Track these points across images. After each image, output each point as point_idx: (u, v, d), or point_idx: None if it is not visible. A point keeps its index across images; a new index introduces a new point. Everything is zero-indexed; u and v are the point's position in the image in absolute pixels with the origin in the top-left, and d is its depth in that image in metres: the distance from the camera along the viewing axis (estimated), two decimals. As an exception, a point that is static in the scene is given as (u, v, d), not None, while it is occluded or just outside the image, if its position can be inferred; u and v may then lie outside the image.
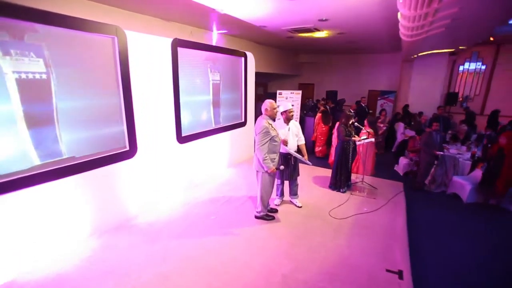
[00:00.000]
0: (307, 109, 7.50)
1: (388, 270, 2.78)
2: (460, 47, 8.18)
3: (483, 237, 3.73)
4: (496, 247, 3.50)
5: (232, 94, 5.73)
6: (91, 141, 3.15)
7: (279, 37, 7.63)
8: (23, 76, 2.50)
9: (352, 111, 5.10)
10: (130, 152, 3.60)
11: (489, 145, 5.09)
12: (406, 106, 8.92)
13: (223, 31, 7.11)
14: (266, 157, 3.28)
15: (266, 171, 3.34)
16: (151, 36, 3.75)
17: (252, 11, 5.02)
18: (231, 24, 6.18)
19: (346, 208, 4.09)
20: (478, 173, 4.98)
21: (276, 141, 3.36)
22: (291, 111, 3.78)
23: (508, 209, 4.53)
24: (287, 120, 3.79)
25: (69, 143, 2.93)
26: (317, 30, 6.42)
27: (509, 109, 8.43)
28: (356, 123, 4.55)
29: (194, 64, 4.59)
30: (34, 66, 2.58)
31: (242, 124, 6.17)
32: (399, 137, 7.58)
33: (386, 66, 10.54)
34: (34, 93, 2.60)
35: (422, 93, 9.38)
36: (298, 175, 4.00)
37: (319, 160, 6.69)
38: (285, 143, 3.60)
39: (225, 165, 5.78)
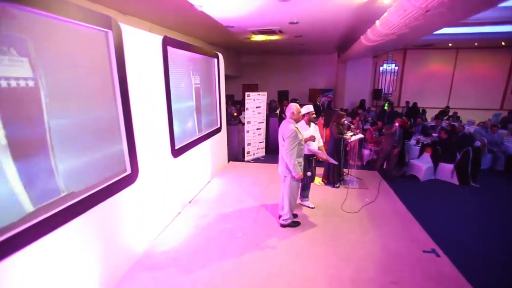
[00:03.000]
0: (271, 110, 7.57)
1: (424, 251, 3.08)
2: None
3: (454, 205, 4.54)
4: (479, 212, 4.30)
5: (209, 98, 5.28)
6: (90, 168, 2.38)
7: (232, 37, 7.43)
8: (3, 84, 1.67)
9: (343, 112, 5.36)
10: (132, 176, 2.88)
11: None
12: (363, 101, 10.09)
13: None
14: (295, 162, 3.15)
15: (293, 177, 3.20)
16: (142, 32, 3.08)
17: (230, 10, 4.72)
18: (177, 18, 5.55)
19: (351, 201, 4.32)
20: (426, 156, 6.05)
21: (302, 145, 3.27)
22: (313, 113, 3.75)
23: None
24: (309, 121, 3.74)
25: (67, 174, 2.13)
26: (281, 32, 6.55)
27: (418, 102, 10.47)
28: (346, 122, 4.84)
29: (179, 66, 4.01)
30: (17, 69, 1.76)
31: (219, 130, 5.76)
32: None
33: (323, 66, 11.65)
34: (19, 109, 1.78)
35: (356, 90, 10.77)
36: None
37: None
38: (313, 139, 3.60)
39: (210, 175, 5.29)
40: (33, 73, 1.84)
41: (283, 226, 3.52)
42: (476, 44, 9.69)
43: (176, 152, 3.83)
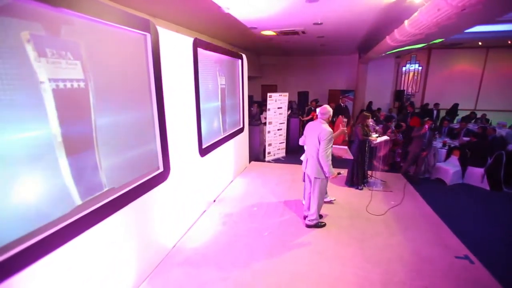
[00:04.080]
0: (293, 111, 7.57)
1: (456, 257, 2.99)
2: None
3: (486, 211, 4.36)
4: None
5: (233, 99, 5.37)
6: (128, 165, 2.50)
7: (255, 38, 7.48)
8: (61, 85, 1.80)
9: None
10: (164, 174, 2.99)
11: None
12: (370, 103, 9.88)
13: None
14: (330, 163, 3.17)
15: (327, 177, 3.21)
16: (176, 34, 3.19)
17: (256, 12, 4.77)
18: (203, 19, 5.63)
19: (376, 203, 4.26)
20: (453, 159, 5.84)
21: (332, 146, 3.28)
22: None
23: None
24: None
25: (109, 170, 2.25)
26: (303, 33, 6.53)
27: (442, 103, 10.09)
28: (371, 123, 4.78)
29: (207, 68, 4.11)
30: (72, 72, 1.88)
31: (241, 130, 5.83)
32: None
33: (344, 67, 11.47)
34: (72, 109, 1.90)
35: (377, 91, 10.53)
36: None
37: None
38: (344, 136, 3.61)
39: (233, 175, 5.37)
40: (83, 75, 1.97)
41: (309, 226, 3.54)
42: (509, 42, 9.20)
43: (203, 151, 3.93)
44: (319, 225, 3.54)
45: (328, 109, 3.33)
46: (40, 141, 1.68)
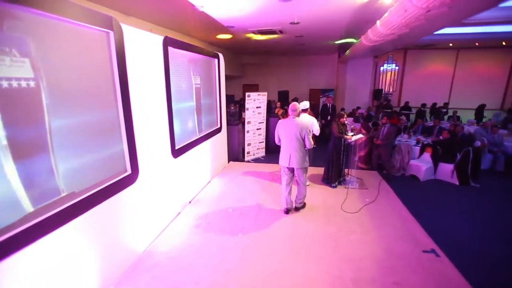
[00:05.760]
0: (271, 110, 7.57)
1: (424, 251, 3.08)
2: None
3: (454, 205, 4.53)
4: (477, 213, 4.29)
5: (209, 98, 5.28)
6: (90, 168, 2.38)
7: (234, 37, 7.42)
8: (5, 84, 1.68)
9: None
10: (132, 176, 2.88)
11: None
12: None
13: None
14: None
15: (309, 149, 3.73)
16: (143, 32, 3.08)
17: (231, 11, 4.72)
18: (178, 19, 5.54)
19: (351, 201, 4.32)
20: (426, 156, 6.05)
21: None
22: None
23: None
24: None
25: (67, 174, 2.13)
26: (281, 32, 6.54)
27: (417, 101, 10.43)
28: (346, 122, 4.84)
29: (180, 67, 4.01)
30: (18, 70, 1.76)
31: (219, 130, 5.76)
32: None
33: (324, 66, 11.63)
34: (20, 109, 1.78)
35: (356, 90, 10.76)
36: None
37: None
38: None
39: (210, 175, 5.29)
40: (33, 73, 1.84)
41: (298, 209, 3.98)
42: (477, 44, 9.67)
43: (176, 152, 3.84)
44: (304, 205, 4.05)
45: (297, 106, 3.70)
46: (-21, 144, 1.55)
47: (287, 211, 3.89)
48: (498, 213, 4.29)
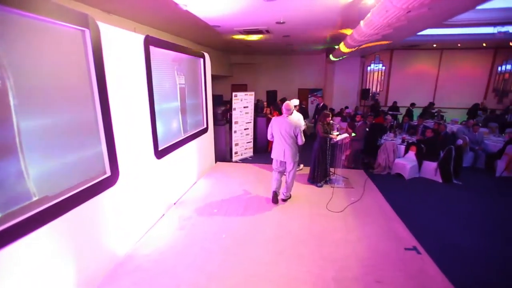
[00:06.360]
0: (259, 110, 7.55)
1: (406, 248, 3.12)
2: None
3: (437, 202, 4.63)
4: (461, 209, 4.39)
5: (195, 99, 5.22)
6: (66, 170, 2.30)
7: (221, 36, 7.37)
8: (-33, 84, 1.60)
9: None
10: (112, 178, 2.81)
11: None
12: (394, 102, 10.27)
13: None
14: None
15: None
16: (123, 31, 3.00)
17: (216, 10, 4.67)
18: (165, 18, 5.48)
19: (337, 200, 4.35)
20: (411, 154, 6.16)
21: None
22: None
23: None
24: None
25: (39, 178, 2.05)
26: (268, 32, 6.53)
27: (403, 101, 10.63)
28: (331, 121, 4.87)
29: (163, 66, 3.95)
30: (-17, 69, 1.68)
31: (205, 131, 5.71)
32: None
33: (312, 66, 11.70)
34: (-15, 110, 1.70)
35: (344, 90, 10.87)
36: None
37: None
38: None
39: (197, 176, 5.24)
40: None
41: (285, 200, 4.30)
42: (459, 45, 9.92)
43: (160, 153, 3.77)
44: (290, 196, 4.37)
45: (290, 105, 4.06)
46: None
47: (275, 195, 4.23)
48: (479, 209, 4.40)
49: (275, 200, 4.19)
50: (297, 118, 4.70)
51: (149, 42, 3.42)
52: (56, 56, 2.17)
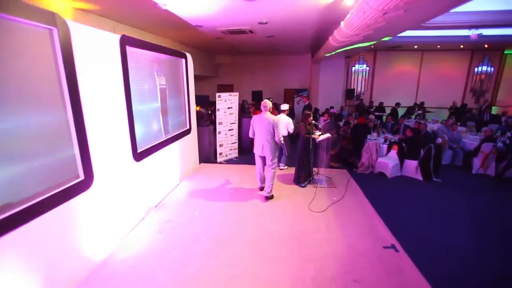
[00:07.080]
0: (244, 111, 7.53)
1: (384, 247, 3.17)
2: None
3: (417, 199, 4.73)
4: (440, 208, 4.50)
5: (177, 99, 5.14)
6: (32, 176, 2.21)
7: (204, 37, 7.31)
8: None
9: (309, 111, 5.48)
10: (86, 182, 2.72)
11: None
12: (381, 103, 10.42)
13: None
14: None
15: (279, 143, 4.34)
16: (97, 30, 2.91)
17: (196, 10, 4.62)
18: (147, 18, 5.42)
19: (319, 200, 4.38)
20: (393, 153, 6.29)
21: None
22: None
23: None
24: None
25: (1, 184, 1.95)
26: (251, 32, 6.52)
27: (388, 101, 10.85)
28: (314, 121, 4.91)
29: (142, 67, 3.86)
30: None
31: (188, 132, 5.63)
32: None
33: (298, 66, 11.78)
34: None
35: (329, 90, 10.99)
36: None
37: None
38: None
39: (179, 178, 5.16)
40: (-44, 73, 1.67)
41: (267, 198, 4.40)
42: (438, 46, 10.23)
43: (139, 156, 3.69)
44: (272, 196, 4.47)
45: (267, 102, 4.30)
46: None
47: (262, 189, 4.61)
48: (456, 206, 4.53)
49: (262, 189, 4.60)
50: (284, 120, 5.34)
51: (125, 42, 3.33)
52: (20, 55, 2.08)
